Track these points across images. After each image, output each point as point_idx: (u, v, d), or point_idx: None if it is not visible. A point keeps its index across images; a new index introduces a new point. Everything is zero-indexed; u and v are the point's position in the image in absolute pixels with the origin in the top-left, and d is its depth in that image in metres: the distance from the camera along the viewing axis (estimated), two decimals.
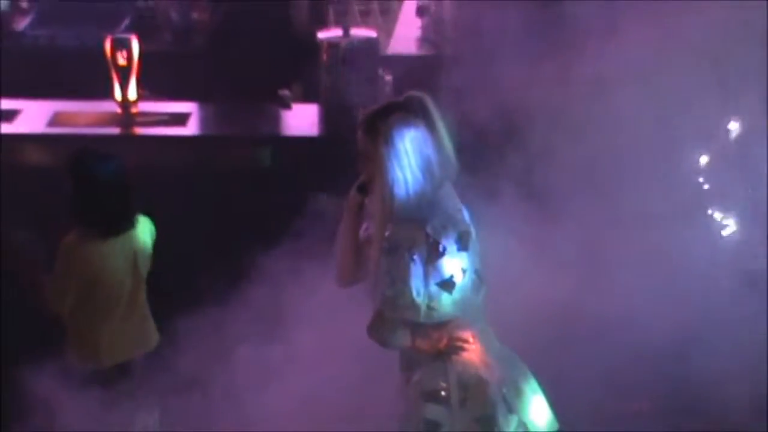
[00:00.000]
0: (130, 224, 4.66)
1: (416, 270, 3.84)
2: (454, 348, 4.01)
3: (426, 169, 3.91)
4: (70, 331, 4.70)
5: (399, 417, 4.09)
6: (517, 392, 4.06)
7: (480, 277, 3.99)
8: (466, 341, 4.01)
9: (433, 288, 3.87)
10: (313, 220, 5.35)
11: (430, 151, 3.92)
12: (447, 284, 3.87)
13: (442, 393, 4.00)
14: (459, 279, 3.87)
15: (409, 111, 3.93)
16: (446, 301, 3.88)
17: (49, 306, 4.68)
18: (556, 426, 4.12)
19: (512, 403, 4.02)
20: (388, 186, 3.86)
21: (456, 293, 3.89)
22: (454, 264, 3.84)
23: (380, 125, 3.91)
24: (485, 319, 4.11)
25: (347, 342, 4.69)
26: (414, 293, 3.86)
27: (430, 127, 3.94)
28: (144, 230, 4.79)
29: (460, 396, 4.01)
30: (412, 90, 4.18)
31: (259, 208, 6.19)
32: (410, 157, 3.90)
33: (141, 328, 4.81)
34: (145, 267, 4.79)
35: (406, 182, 3.87)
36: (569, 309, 5.19)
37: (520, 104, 5.65)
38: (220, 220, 6.24)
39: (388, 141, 3.85)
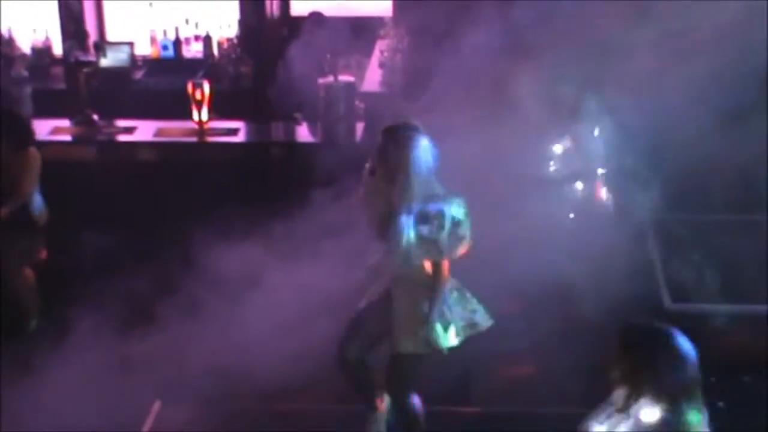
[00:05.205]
0: (32, 140, 6.36)
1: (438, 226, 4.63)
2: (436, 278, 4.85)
3: (427, 167, 4.62)
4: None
5: None
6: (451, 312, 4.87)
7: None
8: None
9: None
10: (318, 195, 6.44)
11: (429, 155, 4.63)
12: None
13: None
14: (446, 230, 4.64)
15: (422, 131, 4.67)
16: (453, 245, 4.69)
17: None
18: (490, 322, 4.95)
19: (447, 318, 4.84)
20: (411, 174, 4.59)
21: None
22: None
23: (406, 138, 4.60)
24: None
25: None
26: (445, 243, 4.71)
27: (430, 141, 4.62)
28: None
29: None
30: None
31: (282, 185, 7.33)
32: (422, 159, 4.62)
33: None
34: (38, 161, 6.31)
35: (419, 174, 4.60)
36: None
37: (445, 127, 5.82)
38: (257, 194, 7.33)
39: (413, 149, 4.60)
